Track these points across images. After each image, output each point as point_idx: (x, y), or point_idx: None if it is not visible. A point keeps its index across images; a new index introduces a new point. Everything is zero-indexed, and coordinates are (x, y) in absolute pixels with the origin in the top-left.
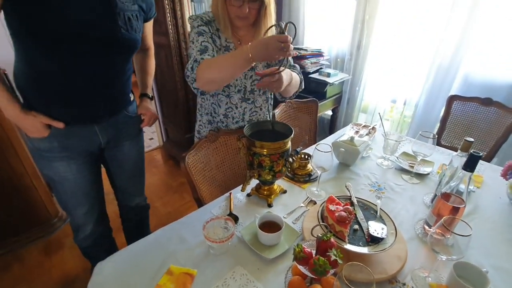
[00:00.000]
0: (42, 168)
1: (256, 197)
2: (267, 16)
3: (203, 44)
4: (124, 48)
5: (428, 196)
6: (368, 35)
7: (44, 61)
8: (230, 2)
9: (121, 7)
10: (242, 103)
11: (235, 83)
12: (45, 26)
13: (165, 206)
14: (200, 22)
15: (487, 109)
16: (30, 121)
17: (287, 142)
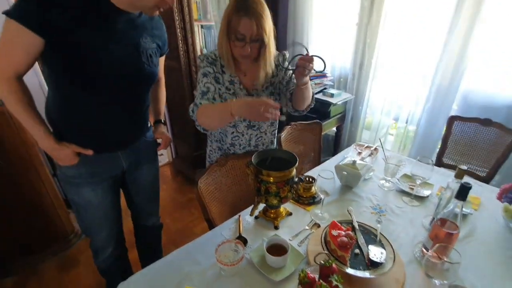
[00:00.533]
0: (69, 193)
1: (264, 219)
2: (267, 52)
3: (205, 86)
4: (146, 81)
5: (427, 218)
6: (369, 57)
7: (77, 96)
8: (234, 43)
9: (144, 46)
10: (248, 130)
11: None
12: (81, 68)
13: (175, 222)
14: (205, 63)
15: (487, 129)
16: (62, 151)
17: (292, 170)
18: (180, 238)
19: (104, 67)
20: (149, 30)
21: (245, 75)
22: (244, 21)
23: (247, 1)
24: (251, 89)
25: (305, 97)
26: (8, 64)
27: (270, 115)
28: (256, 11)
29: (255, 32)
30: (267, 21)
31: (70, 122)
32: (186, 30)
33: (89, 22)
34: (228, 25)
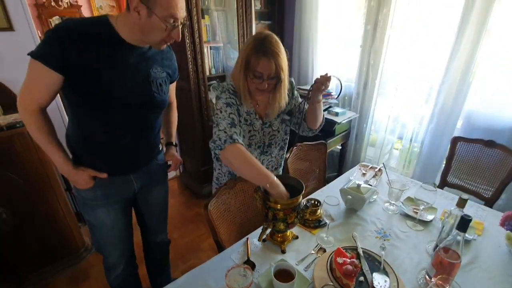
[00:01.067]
0: (85, 213)
1: (271, 243)
2: (282, 87)
3: (231, 117)
4: (157, 108)
5: (431, 244)
6: (373, 78)
7: (93, 124)
8: (252, 80)
9: (154, 76)
10: (260, 156)
11: (255, 141)
12: (96, 99)
13: (182, 238)
14: (228, 94)
15: (491, 151)
16: (79, 175)
17: (299, 197)
18: (188, 254)
19: (117, 98)
20: (159, 61)
21: (259, 105)
22: (263, 61)
23: (265, 42)
24: (264, 117)
25: (318, 115)
26: (32, 99)
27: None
28: (274, 51)
29: (273, 71)
30: (283, 59)
31: (87, 149)
32: (196, 52)
33: (104, 59)
34: (247, 63)
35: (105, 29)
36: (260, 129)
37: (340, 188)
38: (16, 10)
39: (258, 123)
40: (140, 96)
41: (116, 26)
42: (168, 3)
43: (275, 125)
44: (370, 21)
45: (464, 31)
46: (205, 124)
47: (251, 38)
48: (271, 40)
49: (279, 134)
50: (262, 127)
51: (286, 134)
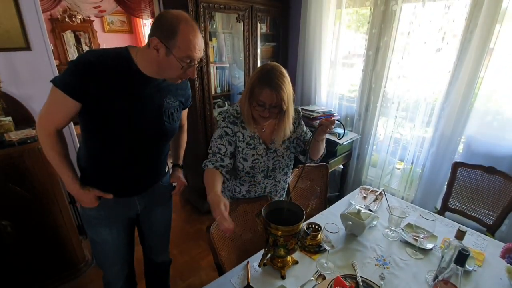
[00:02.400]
0: (88, 230)
1: (271, 267)
2: (286, 117)
3: (217, 147)
4: (165, 136)
5: (431, 274)
6: (375, 101)
7: (102, 149)
8: (255, 108)
9: (166, 106)
10: (264, 180)
11: (259, 165)
12: (109, 127)
13: (182, 255)
14: (226, 122)
15: (491, 177)
16: (86, 195)
17: (300, 224)
18: (187, 272)
19: (129, 128)
20: (173, 91)
21: (264, 130)
22: (265, 91)
23: (270, 74)
24: (269, 143)
25: (320, 150)
26: (51, 121)
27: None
28: (277, 84)
29: (275, 101)
30: (286, 92)
31: (95, 170)
32: (202, 72)
33: (120, 92)
34: (251, 92)
35: (123, 62)
36: (264, 153)
37: (341, 213)
38: (35, 31)
39: (262, 147)
40: (150, 125)
41: (136, 58)
42: (186, 46)
43: (280, 151)
44: (372, 47)
45: (464, 57)
46: (209, 140)
47: (258, 69)
48: (275, 72)
49: (283, 159)
50: (267, 152)
51: (290, 160)
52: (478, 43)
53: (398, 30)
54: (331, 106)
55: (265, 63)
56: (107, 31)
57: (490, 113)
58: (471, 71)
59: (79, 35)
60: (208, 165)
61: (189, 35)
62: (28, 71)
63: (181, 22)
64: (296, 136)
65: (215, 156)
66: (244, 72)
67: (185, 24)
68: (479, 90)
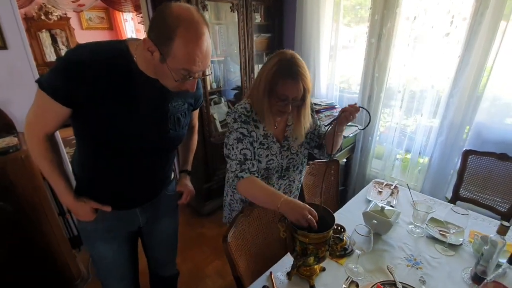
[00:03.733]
0: (87, 245)
1: (297, 277)
2: (307, 108)
3: (242, 153)
4: (170, 145)
5: (466, 271)
6: (378, 91)
7: (100, 157)
8: (276, 103)
9: (172, 111)
10: (279, 180)
11: (273, 165)
12: (106, 135)
13: (185, 262)
14: (239, 123)
15: (504, 164)
16: (81, 207)
17: (330, 231)
18: (193, 281)
19: (128, 135)
20: (181, 93)
21: (276, 127)
22: (290, 84)
23: (292, 65)
24: (281, 140)
25: (339, 142)
26: (40, 127)
27: (310, 221)
28: (301, 73)
29: (301, 94)
30: (309, 79)
31: (92, 180)
32: None
33: (119, 94)
34: (272, 87)
35: (122, 61)
36: (278, 152)
37: (363, 211)
38: (11, 27)
39: (276, 146)
40: (153, 133)
41: (135, 55)
42: (183, 57)
43: (294, 148)
44: (374, 34)
45: (474, 41)
46: (207, 140)
47: (275, 59)
48: (296, 61)
49: (298, 157)
50: (281, 150)
51: (304, 157)
52: (489, 25)
53: (402, 15)
54: (332, 98)
55: (280, 51)
56: (85, 28)
57: (501, 98)
58: (482, 55)
59: (55, 34)
60: (243, 176)
61: (189, 44)
62: (5, 72)
63: (180, 25)
64: (310, 131)
65: (246, 164)
66: (240, 65)
67: (186, 28)
68: (489, 75)
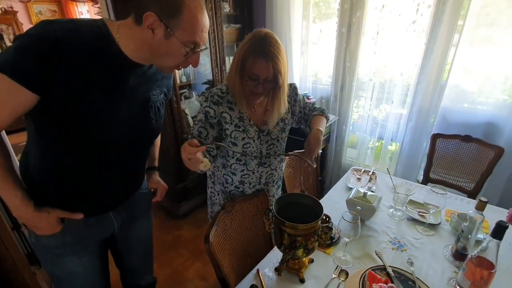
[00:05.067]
0: (48, 264)
1: (286, 271)
2: (281, 92)
3: (198, 131)
4: (151, 136)
5: (447, 249)
6: (350, 80)
7: (72, 158)
8: (247, 82)
9: (153, 100)
10: (259, 168)
11: (251, 150)
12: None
13: (162, 268)
14: (209, 102)
15: (468, 145)
16: (44, 218)
17: (319, 220)
18: (172, 287)
19: (108, 128)
20: (159, 81)
21: (255, 110)
22: (260, 62)
23: (264, 42)
24: (261, 125)
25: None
26: None
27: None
28: (273, 53)
29: (271, 74)
30: (283, 62)
31: (57, 184)
32: None
33: (98, 80)
34: (243, 64)
35: (102, 41)
36: (256, 136)
37: (346, 199)
38: None
39: (253, 130)
40: (135, 125)
41: (117, 36)
42: (193, 27)
43: (274, 133)
44: (344, 23)
45: (438, 28)
46: (179, 137)
47: (249, 36)
48: (270, 40)
49: (279, 143)
50: (259, 135)
51: (285, 143)
52: (450, 14)
53: (371, 4)
54: (305, 89)
55: (256, 30)
56: (34, 23)
57: (463, 83)
58: (445, 41)
59: (0, 31)
60: None
61: (197, 14)
62: None
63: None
64: (291, 116)
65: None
66: (210, 57)
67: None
68: (453, 60)
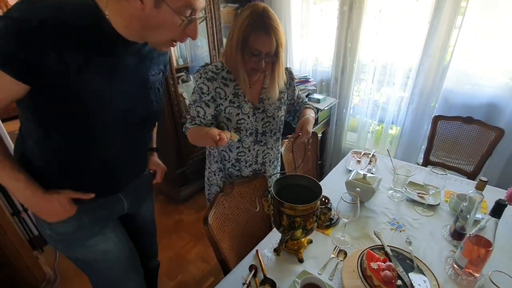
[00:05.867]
0: (73, 254)
1: (285, 252)
2: (280, 64)
3: (196, 110)
4: (154, 118)
5: (446, 229)
6: (351, 61)
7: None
8: (250, 59)
9: (152, 81)
10: (254, 145)
11: (246, 127)
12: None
13: (164, 251)
14: (203, 79)
15: (469, 127)
16: (54, 200)
17: (318, 200)
18: (175, 269)
19: (111, 114)
20: (155, 58)
21: (251, 87)
22: (263, 38)
23: (264, 18)
24: (256, 102)
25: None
26: None
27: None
28: (274, 26)
29: (274, 48)
30: (282, 34)
31: (63, 170)
32: None
33: (94, 62)
34: (244, 41)
35: (94, 20)
36: (251, 113)
37: (346, 180)
38: None
39: (248, 106)
40: (137, 108)
41: (107, 12)
42: None
43: (270, 111)
44: (346, 1)
45: (442, 10)
46: (177, 122)
47: (246, 12)
48: (269, 13)
49: (275, 121)
50: (254, 112)
51: (282, 123)
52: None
53: None
54: (305, 72)
55: (252, 4)
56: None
57: (466, 66)
58: (448, 23)
59: None
60: (189, 126)
61: None
62: None
63: None
64: (286, 97)
65: (194, 120)
66: (208, 39)
67: None
68: (456, 43)
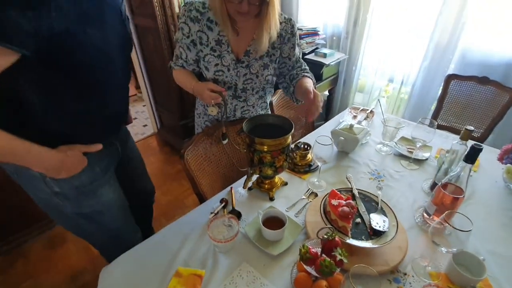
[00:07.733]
0: (80, 208)
1: (258, 190)
2: (271, 10)
3: (179, 50)
4: (131, 49)
5: (427, 182)
6: (364, 12)
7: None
8: (229, 1)
9: (124, 13)
10: (232, 100)
11: (225, 79)
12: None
13: (165, 195)
14: (185, 18)
15: (484, 88)
16: (70, 155)
17: (288, 137)
18: (171, 211)
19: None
20: None
21: (238, 34)
22: None
23: None
24: (241, 55)
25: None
26: None
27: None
28: None
29: None
30: None
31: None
32: None
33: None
34: None
35: None
36: (232, 66)
37: (331, 130)
38: None
39: (229, 57)
40: (122, 44)
41: None
42: None
43: (254, 67)
44: None
45: None
46: None
47: None
48: None
49: (258, 79)
50: (236, 65)
51: (268, 83)
52: None
53: None
54: (315, 25)
55: None
56: None
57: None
58: None
59: None
60: (174, 66)
61: None
62: None
63: None
64: (280, 54)
65: (179, 60)
66: None
67: None
68: None
